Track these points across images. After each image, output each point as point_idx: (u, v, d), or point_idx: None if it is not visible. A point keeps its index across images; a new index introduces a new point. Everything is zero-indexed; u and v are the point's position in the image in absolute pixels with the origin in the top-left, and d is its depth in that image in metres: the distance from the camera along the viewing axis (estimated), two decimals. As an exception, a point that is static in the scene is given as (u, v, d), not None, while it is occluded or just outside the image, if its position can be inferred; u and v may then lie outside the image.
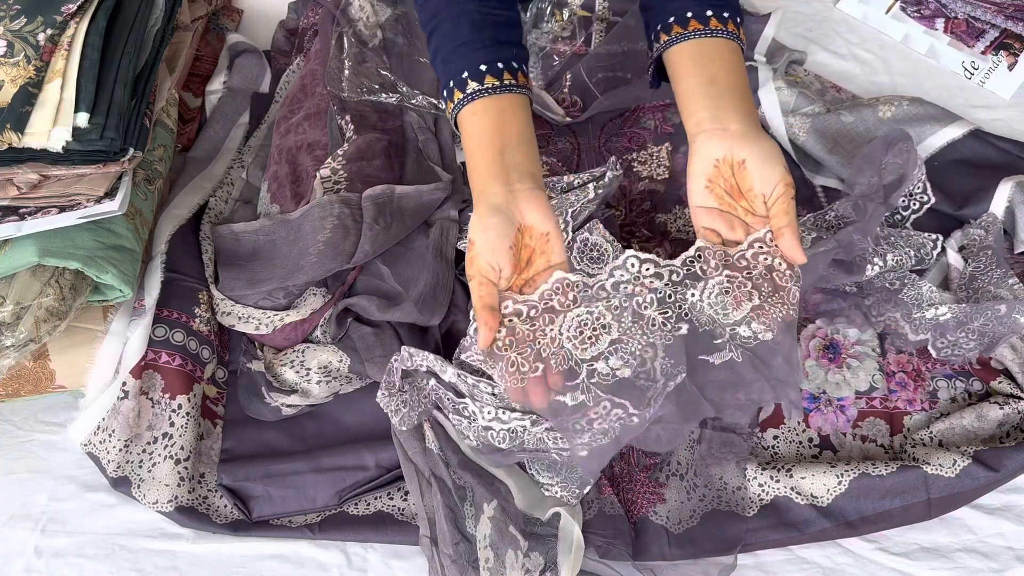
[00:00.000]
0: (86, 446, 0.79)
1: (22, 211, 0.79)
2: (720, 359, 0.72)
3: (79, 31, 0.83)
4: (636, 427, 0.71)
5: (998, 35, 1.06)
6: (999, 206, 0.88)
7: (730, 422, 0.81)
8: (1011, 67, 1.03)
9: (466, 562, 0.73)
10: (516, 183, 0.73)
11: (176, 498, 0.78)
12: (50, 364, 0.81)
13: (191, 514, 0.78)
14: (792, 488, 0.76)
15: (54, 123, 0.79)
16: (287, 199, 0.89)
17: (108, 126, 0.80)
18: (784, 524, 0.76)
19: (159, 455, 0.79)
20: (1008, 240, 0.88)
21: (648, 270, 0.73)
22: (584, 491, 0.75)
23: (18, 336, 0.75)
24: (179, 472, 0.79)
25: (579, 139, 0.99)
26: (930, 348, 0.81)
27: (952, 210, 0.90)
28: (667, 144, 0.98)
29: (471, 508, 0.75)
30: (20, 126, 0.78)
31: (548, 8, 1.07)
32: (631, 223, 0.93)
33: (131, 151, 0.83)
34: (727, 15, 0.76)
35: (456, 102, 0.76)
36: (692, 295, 0.73)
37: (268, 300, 0.84)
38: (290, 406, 0.82)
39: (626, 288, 0.73)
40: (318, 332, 0.85)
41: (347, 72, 0.98)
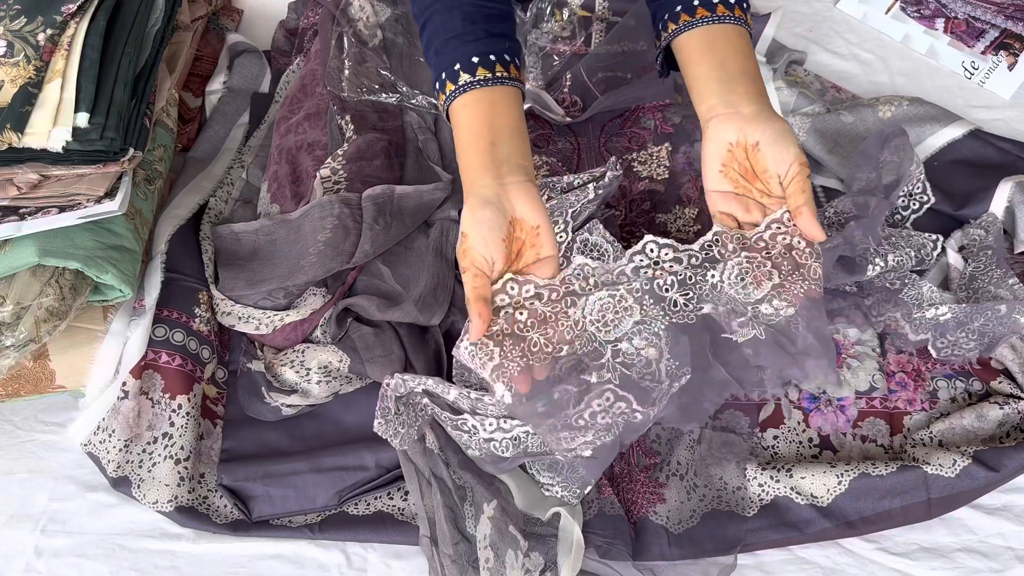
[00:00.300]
0: (86, 446, 0.79)
1: (22, 211, 0.79)
2: (743, 337, 0.73)
3: (79, 31, 0.83)
4: (639, 425, 0.71)
5: (998, 35, 1.06)
6: (999, 206, 0.88)
7: (730, 422, 0.81)
8: (1011, 67, 1.03)
9: (466, 562, 0.73)
10: (507, 176, 0.73)
11: (176, 498, 0.78)
12: (50, 364, 0.81)
13: (191, 514, 0.78)
14: (792, 488, 0.76)
15: (54, 123, 0.79)
16: (287, 199, 0.89)
17: (108, 126, 0.80)
18: (784, 524, 0.76)
19: (159, 455, 0.79)
20: (1008, 240, 0.88)
21: (667, 255, 0.75)
22: (585, 491, 0.75)
23: (18, 336, 0.75)
24: (179, 472, 0.79)
25: (579, 139, 0.99)
26: (930, 348, 0.81)
27: (952, 210, 0.90)
28: (667, 144, 0.98)
29: (471, 508, 0.75)
30: (20, 126, 0.78)
31: (548, 8, 1.07)
32: (631, 223, 0.93)
33: (131, 151, 0.83)
34: (733, 1, 0.76)
35: (448, 94, 0.76)
36: (712, 276, 0.74)
37: (268, 300, 0.84)
38: (290, 406, 0.82)
39: (646, 272, 0.75)
40: (318, 332, 0.85)
41: (347, 72, 0.98)
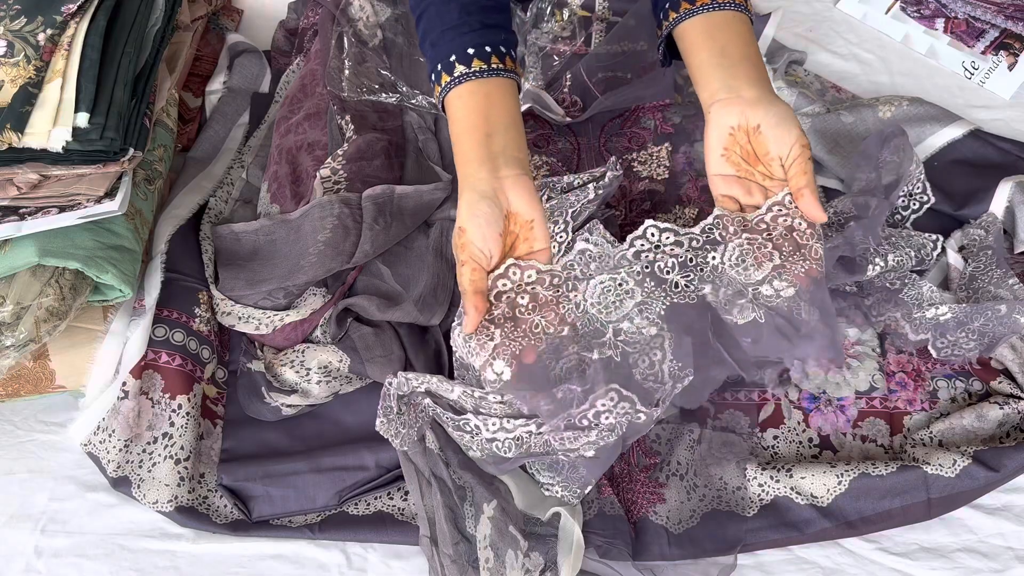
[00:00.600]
0: (86, 446, 0.79)
1: (22, 211, 0.79)
2: (744, 319, 0.73)
3: (79, 31, 0.83)
4: (642, 426, 0.71)
5: (998, 35, 1.06)
6: (999, 206, 0.88)
7: (730, 422, 0.81)
8: (1011, 67, 1.03)
9: (466, 562, 0.73)
10: (503, 169, 0.73)
11: (176, 498, 0.78)
12: (50, 364, 0.81)
13: (191, 514, 0.78)
14: (792, 488, 0.76)
15: (54, 123, 0.79)
16: (287, 199, 0.89)
17: (108, 126, 0.80)
18: (784, 524, 0.76)
19: (159, 455, 0.79)
20: (1008, 240, 0.88)
21: (668, 238, 0.75)
22: (585, 491, 0.75)
23: (18, 336, 0.75)
24: (179, 472, 0.79)
25: (579, 139, 0.99)
26: (930, 348, 0.81)
27: (952, 210, 0.90)
28: (667, 144, 0.98)
29: (471, 508, 0.75)
30: (20, 126, 0.78)
31: (548, 8, 1.07)
32: (631, 223, 0.93)
33: (131, 151, 0.83)
34: None
35: (443, 85, 0.76)
36: (713, 258, 0.74)
37: (268, 300, 0.84)
38: (290, 406, 0.82)
39: (647, 256, 0.75)
40: (318, 332, 0.85)
41: (347, 72, 0.98)
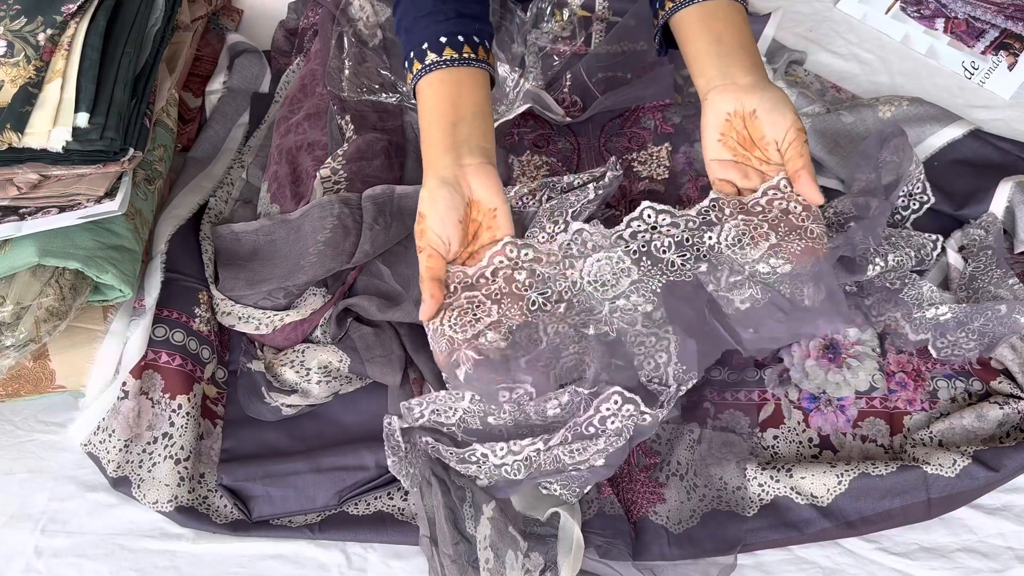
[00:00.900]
0: (86, 446, 0.79)
1: (22, 211, 0.79)
2: (742, 299, 0.74)
3: (79, 31, 0.83)
4: (647, 428, 0.72)
5: (998, 35, 1.06)
6: (999, 206, 0.88)
7: (730, 422, 0.81)
8: (1011, 67, 1.03)
9: (466, 562, 0.73)
10: (467, 157, 0.74)
11: (176, 498, 0.78)
12: (50, 364, 0.81)
13: (191, 514, 0.78)
14: (792, 488, 0.76)
15: (54, 123, 0.79)
16: (287, 199, 0.89)
17: (108, 126, 0.80)
18: (784, 524, 0.76)
19: (159, 455, 0.79)
20: (1008, 240, 0.88)
21: (665, 220, 0.76)
22: (585, 490, 0.75)
23: (18, 336, 0.75)
24: (179, 472, 0.79)
25: (579, 139, 0.99)
26: (930, 348, 0.81)
27: (952, 210, 0.90)
28: (667, 144, 0.98)
29: (471, 509, 0.75)
30: (20, 126, 0.78)
31: (548, 8, 1.07)
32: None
33: (131, 151, 0.83)
34: None
35: (415, 73, 0.77)
36: (710, 238, 0.75)
37: (268, 300, 0.84)
38: (290, 406, 0.82)
39: (644, 236, 0.76)
40: (318, 332, 0.85)
41: (347, 72, 0.98)
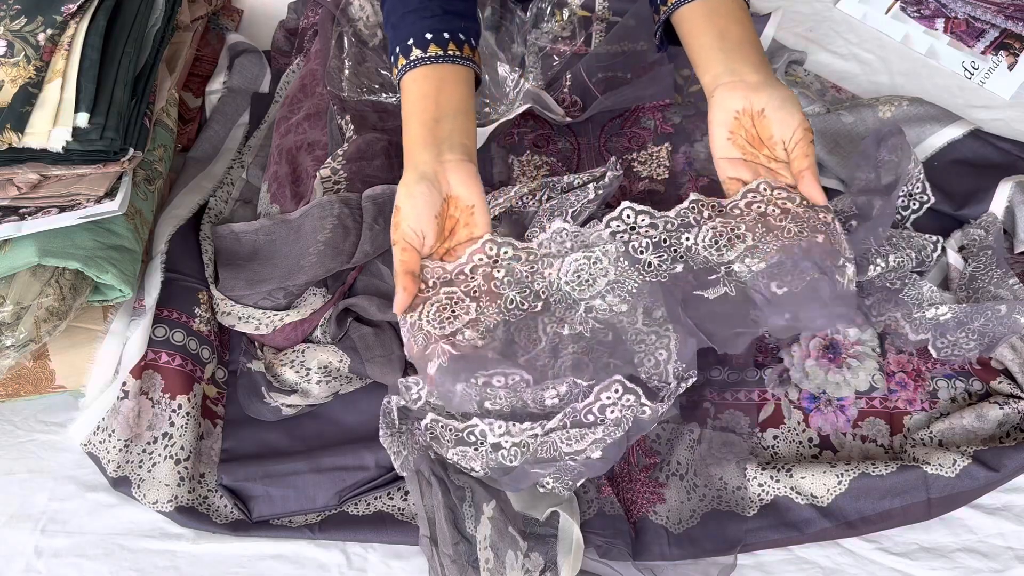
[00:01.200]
0: (86, 446, 0.79)
1: (22, 211, 0.79)
2: (714, 294, 0.75)
3: (79, 31, 0.83)
4: (647, 422, 0.72)
5: (998, 35, 1.06)
6: (999, 206, 0.88)
7: (730, 422, 0.81)
8: (1011, 67, 1.03)
9: (466, 562, 0.73)
10: (446, 153, 0.74)
11: (176, 498, 0.78)
12: (50, 364, 0.81)
13: (191, 514, 0.78)
14: (792, 488, 0.76)
15: (54, 123, 0.79)
16: (287, 199, 0.89)
17: (108, 126, 0.80)
18: (784, 524, 0.76)
19: (159, 455, 0.79)
20: (1008, 240, 0.88)
21: (644, 220, 0.77)
22: (577, 483, 0.75)
23: (18, 336, 0.75)
24: (179, 472, 0.79)
25: (579, 139, 0.99)
26: (930, 348, 0.81)
27: (952, 210, 0.90)
28: (667, 144, 0.98)
29: (471, 509, 0.75)
30: (20, 126, 0.78)
31: (548, 8, 1.07)
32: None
33: (131, 151, 0.83)
34: None
35: (399, 68, 0.78)
36: (687, 239, 0.76)
37: (268, 300, 0.84)
38: (290, 406, 0.82)
39: (622, 237, 0.77)
40: (318, 332, 0.85)
41: (347, 72, 0.98)
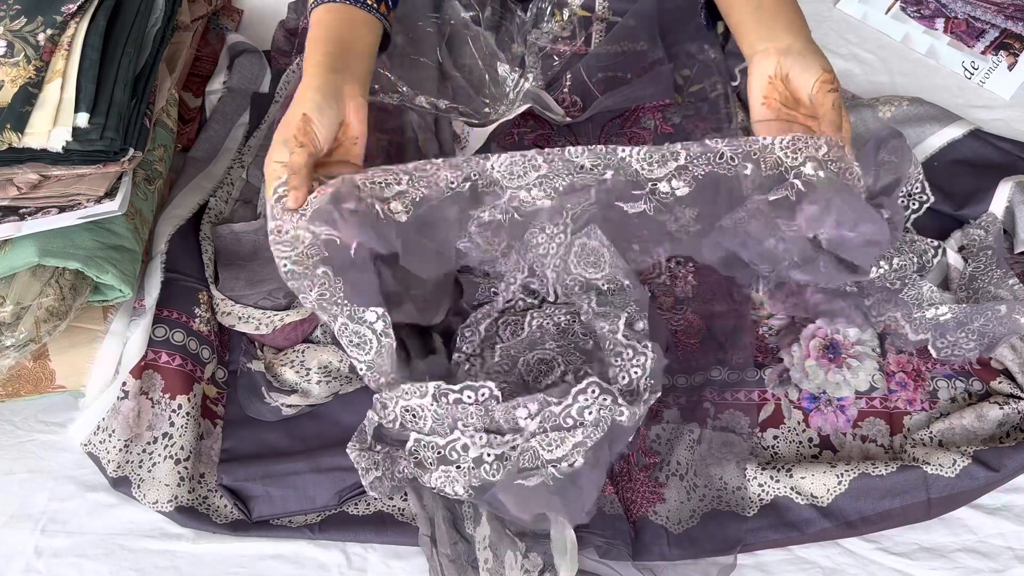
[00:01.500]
0: (86, 446, 0.79)
1: (22, 211, 0.79)
2: (634, 209, 0.77)
3: (79, 31, 0.83)
4: (626, 430, 0.72)
5: (998, 35, 1.06)
6: (999, 206, 0.88)
7: (730, 422, 0.81)
8: (1011, 67, 1.03)
9: (465, 562, 0.73)
10: (349, 83, 0.78)
11: (176, 498, 0.78)
12: (50, 364, 0.81)
13: (191, 514, 0.78)
14: (792, 488, 0.76)
15: (54, 123, 0.79)
16: (287, 199, 0.89)
17: (108, 126, 0.80)
18: (784, 524, 0.76)
19: (159, 455, 0.79)
20: (1008, 240, 0.88)
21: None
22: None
23: (18, 336, 0.75)
24: (179, 472, 0.79)
25: (579, 139, 0.99)
26: (930, 348, 0.81)
27: (952, 210, 0.90)
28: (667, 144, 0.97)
29: (469, 509, 0.75)
30: (20, 126, 0.78)
31: (548, 8, 1.06)
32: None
33: (131, 151, 0.83)
34: None
35: (314, 0, 0.82)
36: (623, 152, 0.77)
37: (268, 300, 0.84)
38: (290, 406, 0.82)
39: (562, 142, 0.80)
40: (318, 332, 0.85)
41: (347, 72, 0.98)
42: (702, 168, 0.76)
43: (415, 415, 0.73)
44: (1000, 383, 0.80)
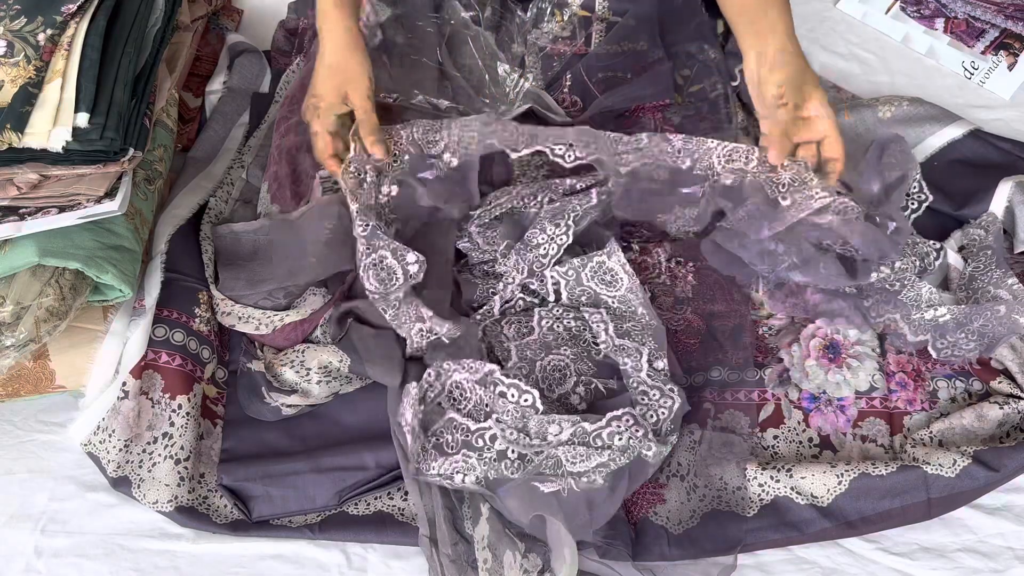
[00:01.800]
0: (86, 446, 0.79)
1: (22, 211, 0.79)
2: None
3: (79, 31, 0.83)
4: (649, 466, 0.74)
5: (998, 35, 1.06)
6: (999, 206, 0.88)
7: (730, 422, 0.81)
8: (1011, 67, 1.03)
9: (465, 562, 0.73)
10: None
11: (176, 498, 0.78)
12: (50, 364, 0.81)
13: (191, 514, 0.78)
14: (792, 488, 0.76)
15: (54, 123, 0.79)
16: (287, 199, 0.89)
17: (108, 126, 0.80)
18: (784, 524, 0.76)
19: (159, 455, 0.79)
20: (1008, 240, 0.88)
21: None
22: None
23: (18, 336, 0.75)
24: (179, 472, 0.79)
25: (579, 139, 0.99)
26: (930, 349, 0.81)
27: (952, 210, 0.90)
28: (667, 144, 0.97)
29: (469, 509, 0.75)
30: (20, 126, 0.78)
31: (548, 8, 1.06)
32: (632, 223, 0.93)
33: (131, 151, 0.83)
34: None
35: None
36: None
37: (268, 300, 0.84)
38: (290, 406, 0.82)
39: None
40: (318, 332, 0.85)
41: (347, 72, 0.97)
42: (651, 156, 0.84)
43: (462, 393, 0.76)
44: (1000, 383, 0.80)
